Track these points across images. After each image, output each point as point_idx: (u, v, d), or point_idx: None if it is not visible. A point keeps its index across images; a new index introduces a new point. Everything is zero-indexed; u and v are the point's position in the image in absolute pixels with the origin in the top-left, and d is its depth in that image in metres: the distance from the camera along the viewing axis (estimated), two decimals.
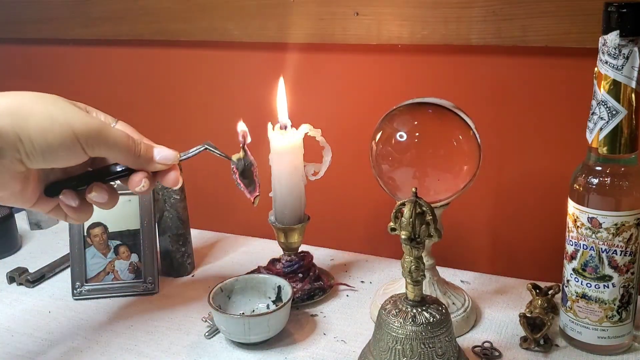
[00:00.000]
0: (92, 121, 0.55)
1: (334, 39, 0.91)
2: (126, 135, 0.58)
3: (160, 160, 0.60)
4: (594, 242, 0.63)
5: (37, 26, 1.13)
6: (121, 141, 0.57)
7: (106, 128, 0.56)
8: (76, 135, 0.54)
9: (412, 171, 0.67)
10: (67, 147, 0.54)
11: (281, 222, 0.78)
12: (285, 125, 0.76)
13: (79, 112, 0.55)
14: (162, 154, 0.60)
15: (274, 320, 0.68)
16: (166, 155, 0.60)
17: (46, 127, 0.53)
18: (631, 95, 0.59)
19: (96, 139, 0.55)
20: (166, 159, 0.60)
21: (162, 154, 0.60)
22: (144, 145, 0.59)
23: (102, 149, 0.56)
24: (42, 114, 0.53)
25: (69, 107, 0.55)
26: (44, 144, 0.53)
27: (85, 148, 0.55)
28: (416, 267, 0.58)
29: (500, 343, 0.69)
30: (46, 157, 0.54)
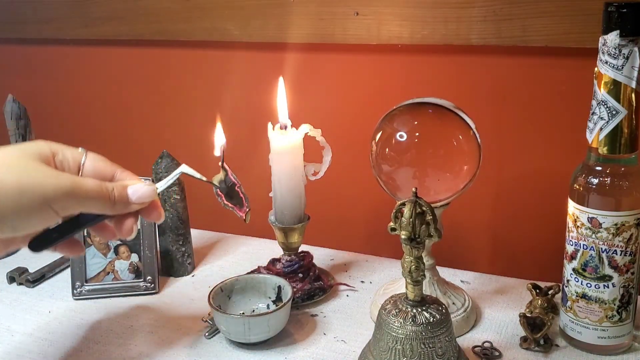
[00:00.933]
0: (63, 181, 0.52)
1: (334, 39, 0.91)
2: (98, 185, 0.55)
3: (137, 201, 0.57)
4: (594, 242, 0.63)
5: (37, 26, 1.13)
6: (94, 195, 0.54)
7: (77, 185, 0.53)
8: (48, 202, 0.51)
9: (412, 171, 0.67)
10: (39, 215, 0.52)
11: (281, 222, 0.78)
12: (285, 125, 0.76)
13: (48, 174, 0.53)
14: (138, 194, 0.57)
15: (274, 320, 0.68)
16: (143, 194, 0.57)
17: (16, 200, 0.50)
18: (631, 95, 0.59)
19: (68, 200, 0.53)
20: (143, 198, 0.57)
21: (138, 193, 0.57)
22: (118, 189, 0.56)
23: (76, 207, 0.54)
24: (10, 187, 0.50)
25: (37, 170, 0.52)
26: (14, 217, 0.51)
27: (58, 211, 0.52)
28: (416, 267, 0.58)
29: (500, 343, 0.69)
30: (17, 228, 0.52)
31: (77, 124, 1.19)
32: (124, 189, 0.56)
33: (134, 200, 0.57)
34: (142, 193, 0.57)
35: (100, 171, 0.58)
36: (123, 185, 0.57)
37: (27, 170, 0.52)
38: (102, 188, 0.55)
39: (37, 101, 1.14)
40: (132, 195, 0.56)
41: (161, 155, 0.84)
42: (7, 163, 0.52)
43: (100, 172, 0.58)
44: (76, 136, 1.20)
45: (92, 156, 0.59)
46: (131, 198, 0.56)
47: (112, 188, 0.56)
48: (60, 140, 1.25)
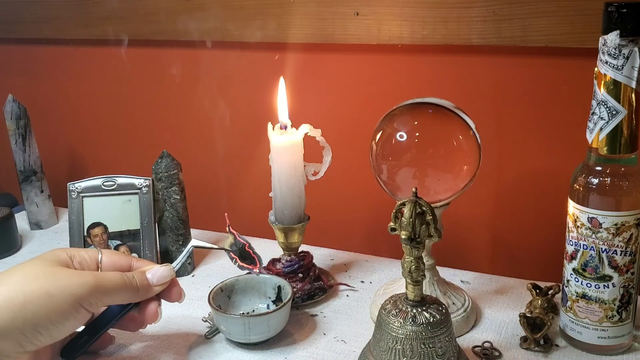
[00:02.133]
0: (86, 278, 0.56)
1: (334, 39, 0.91)
2: (119, 275, 0.58)
3: (158, 283, 0.61)
4: (594, 242, 0.63)
5: (37, 26, 1.13)
6: (118, 285, 0.58)
7: (101, 279, 0.57)
8: (77, 301, 0.54)
9: (412, 171, 0.67)
10: (71, 315, 0.55)
11: (281, 222, 0.78)
12: (285, 125, 0.76)
13: (72, 274, 0.56)
14: (157, 275, 0.61)
15: (274, 320, 0.68)
16: (161, 275, 0.61)
17: (47, 306, 0.53)
18: (631, 95, 0.59)
19: (95, 295, 0.56)
20: (162, 278, 0.61)
21: (157, 275, 0.61)
22: (138, 275, 0.60)
23: (103, 300, 0.57)
24: (40, 294, 0.53)
25: (61, 274, 0.55)
26: (48, 322, 0.53)
27: (88, 308, 0.55)
28: (416, 267, 0.58)
29: (500, 343, 0.69)
30: (52, 333, 0.54)
31: (77, 124, 1.19)
32: (143, 274, 0.61)
33: (155, 283, 0.61)
34: (161, 274, 0.61)
35: (117, 265, 0.62)
36: (141, 271, 0.61)
37: (53, 276, 0.55)
38: (124, 277, 0.59)
39: (37, 101, 1.14)
40: (152, 279, 0.61)
41: (161, 155, 0.85)
42: (32, 273, 0.55)
43: (117, 265, 0.62)
44: (76, 136, 1.20)
45: (108, 252, 0.63)
46: (152, 281, 0.61)
47: (133, 276, 0.60)
48: (60, 140, 1.26)
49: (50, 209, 1.04)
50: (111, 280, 0.57)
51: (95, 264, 0.61)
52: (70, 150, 1.21)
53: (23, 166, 1.00)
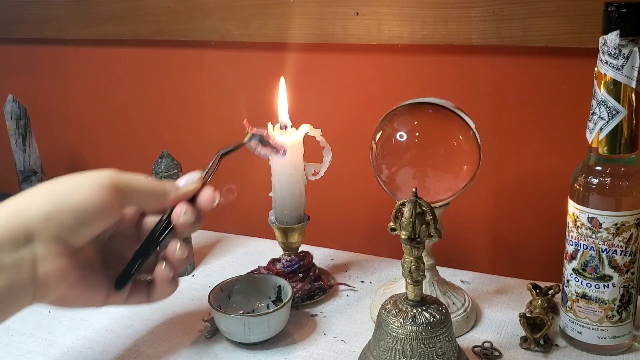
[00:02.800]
0: (113, 173, 0.56)
1: (334, 39, 0.91)
2: (148, 178, 0.58)
3: (184, 185, 0.60)
4: (594, 242, 0.63)
5: (37, 26, 1.13)
6: (144, 181, 0.57)
7: (127, 175, 0.56)
8: (99, 181, 0.54)
9: (412, 171, 0.67)
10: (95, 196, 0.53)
11: (281, 222, 0.78)
12: (285, 125, 0.76)
13: (100, 172, 0.56)
14: (184, 179, 0.60)
15: (274, 320, 0.68)
16: (188, 178, 0.60)
17: (69, 189, 0.53)
18: (631, 95, 0.59)
19: (124, 186, 0.55)
20: (189, 180, 0.60)
21: (184, 179, 0.60)
22: (167, 181, 0.60)
23: (132, 193, 0.56)
24: (59, 183, 0.54)
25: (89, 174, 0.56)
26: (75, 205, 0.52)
27: (118, 197, 0.55)
28: (416, 267, 0.58)
29: (500, 343, 0.69)
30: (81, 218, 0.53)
31: (77, 124, 1.19)
32: (171, 182, 0.60)
33: (181, 184, 0.60)
34: (187, 178, 0.60)
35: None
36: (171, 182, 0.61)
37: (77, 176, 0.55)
38: (153, 181, 0.58)
39: (37, 101, 1.14)
40: (178, 182, 0.60)
41: (161, 155, 0.84)
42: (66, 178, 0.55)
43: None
44: (76, 136, 1.20)
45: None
46: (178, 183, 0.60)
47: (161, 181, 0.60)
48: (60, 140, 1.26)
49: None
50: (140, 180, 0.57)
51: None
52: (70, 150, 1.21)
53: (23, 166, 1.00)
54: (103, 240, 0.59)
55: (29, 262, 0.50)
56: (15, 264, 0.49)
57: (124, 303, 0.60)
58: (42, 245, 0.51)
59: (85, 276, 0.55)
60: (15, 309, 0.52)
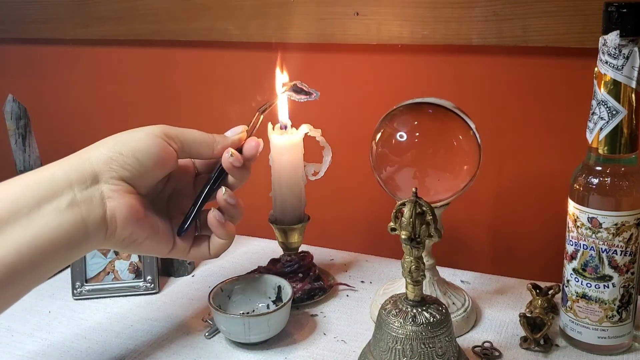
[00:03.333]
0: (164, 126, 0.61)
1: (334, 39, 0.91)
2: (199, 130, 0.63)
3: (233, 134, 0.64)
4: (594, 242, 0.63)
5: (37, 26, 1.13)
6: (194, 132, 0.62)
7: (177, 128, 0.61)
8: (154, 133, 0.59)
9: (412, 171, 0.67)
10: (152, 144, 0.58)
11: (281, 222, 0.78)
12: (285, 125, 0.76)
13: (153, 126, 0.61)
14: (230, 131, 0.64)
15: (274, 320, 0.68)
16: (233, 130, 0.64)
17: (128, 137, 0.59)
18: (631, 95, 0.59)
19: (175, 135, 0.60)
20: (234, 131, 0.64)
21: (230, 131, 0.64)
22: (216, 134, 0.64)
23: (183, 141, 0.61)
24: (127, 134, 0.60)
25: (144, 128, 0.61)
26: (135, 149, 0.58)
27: (171, 144, 0.60)
28: (416, 267, 0.58)
29: (500, 343, 0.69)
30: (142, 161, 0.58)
31: (77, 123, 1.19)
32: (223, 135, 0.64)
33: (231, 135, 0.64)
34: (233, 130, 0.65)
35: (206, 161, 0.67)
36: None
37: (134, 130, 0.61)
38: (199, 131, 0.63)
39: (37, 101, 1.14)
40: (228, 133, 0.64)
41: None
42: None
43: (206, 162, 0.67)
44: (76, 136, 1.20)
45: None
46: (228, 133, 0.64)
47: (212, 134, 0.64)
48: (60, 140, 1.25)
49: None
50: (186, 129, 0.62)
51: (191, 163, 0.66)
52: (70, 150, 1.20)
53: (23, 166, 1.00)
54: (165, 197, 0.64)
55: (97, 198, 0.56)
56: (86, 200, 0.55)
57: (187, 255, 0.64)
58: (108, 184, 0.57)
59: (152, 219, 0.60)
60: (91, 245, 0.56)
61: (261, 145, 0.65)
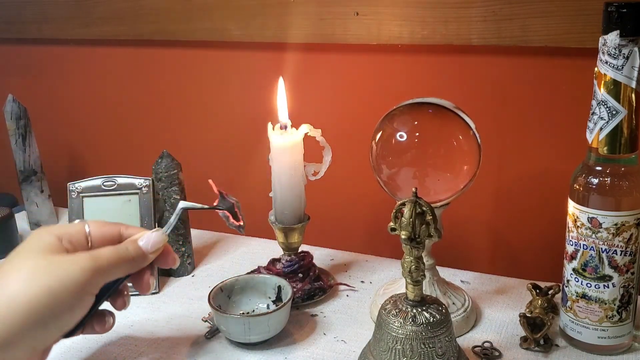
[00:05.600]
0: (83, 262, 0.53)
1: (334, 39, 0.91)
2: (115, 250, 0.56)
3: (152, 250, 0.58)
4: (594, 242, 0.63)
5: (37, 26, 1.13)
6: (116, 261, 0.56)
7: (99, 260, 0.54)
8: (81, 289, 0.53)
9: (412, 171, 0.67)
10: (77, 305, 0.53)
11: (281, 222, 0.78)
12: (285, 125, 0.76)
13: (68, 262, 0.53)
14: (150, 242, 0.58)
15: (274, 320, 0.68)
16: (154, 241, 0.59)
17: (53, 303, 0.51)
18: (631, 95, 0.59)
19: (96, 277, 0.54)
20: (156, 244, 0.59)
21: (150, 242, 0.58)
22: (131, 246, 0.58)
23: (105, 279, 0.55)
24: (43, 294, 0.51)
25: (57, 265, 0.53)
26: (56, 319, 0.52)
27: (91, 291, 0.54)
28: (416, 267, 0.58)
29: (500, 343, 0.69)
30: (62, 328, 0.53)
31: (77, 124, 1.19)
32: (136, 242, 0.58)
33: (149, 250, 0.58)
34: (154, 240, 0.59)
35: (106, 235, 0.60)
36: (133, 240, 0.59)
37: (49, 268, 0.52)
38: (120, 252, 0.56)
39: (37, 101, 1.14)
40: (145, 246, 0.58)
41: (161, 155, 0.85)
42: (27, 270, 0.52)
43: (107, 235, 0.60)
44: (76, 136, 1.20)
45: (94, 224, 0.59)
46: (146, 249, 0.58)
47: (127, 247, 0.57)
48: (60, 140, 1.25)
49: (50, 209, 1.04)
50: (108, 257, 0.55)
51: (84, 238, 0.58)
52: (70, 150, 1.21)
53: (23, 166, 1.00)
54: None
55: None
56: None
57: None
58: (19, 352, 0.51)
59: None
60: None
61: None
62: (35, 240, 0.55)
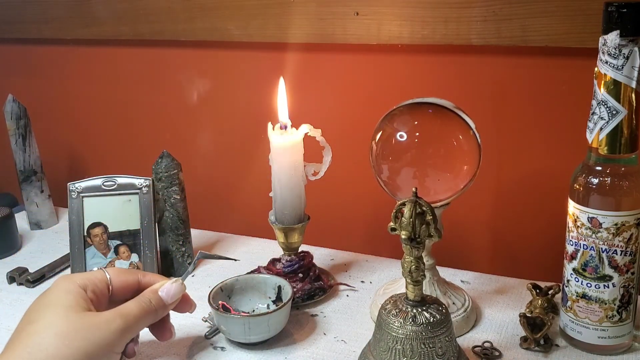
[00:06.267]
0: (116, 324, 0.54)
1: (334, 39, 0.91)
2: (139, 306, 0.57)
3: (172, 300, 0.60)
4: (594, 242, 0.63)
5: (37, 26, 1.13)
6: (141, 316, 0.57)
7: (127, 319, 0.55)
8: (112, 349, 0.54)
9: (412, 171, 0.67)
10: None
11: (281, 222, 0.78)
12: (285, 125, 0.76)
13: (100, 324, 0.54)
14: (171, 294, 0.60)
15: (274, 320, 0.68)
16: (174, 293, 0.60)
17: None
18: (631, 95, 0.59)
19: (126, 336, 0.55)
20: (175, 295, 0.60)
21: (170, 293, 0.60)
22: (153, 298, 0.59)
23: (132, 335, 0.56)
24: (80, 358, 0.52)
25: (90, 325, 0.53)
26: None
27: (120, 351, 0.55)
28: (416, 267, 0.58)
29: (500, 343, 0.69)
30: None
31: (77, 124, 1.19)
32: (156, 293, 0.60)
33: (169, 301, 0.60)
34: (174, 292, 0.60)
35: (126, 284, 0.61)
36: (154, 290, 0.60)
37: (84, 331, 0.53)
38: (144, 306, 0.58)
39: (37, 101, 1.14)
40: (166, 297, 0.60)
41: (161, 155, 0.85)
42: (62, 331, 0.52)
43: (126, 284, 0.61)
44: (76, 136, 1.20)
45: (113, 271, 0.61)
46: (166, 300, 0.60)
47: (149, 300, 0.59)
48: (60, 140, 1.25)
49: (50, 209, 1.04)
50: (135, 315, 0.57)
51: (106, 287, 0.60)
52: (70, 150, 1.21)
53: (23, 166, 1.00)
54: None
55: None
56: None
57: None
58: None
59: None
60: None
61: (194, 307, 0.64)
62: (63, 293, 0.56)
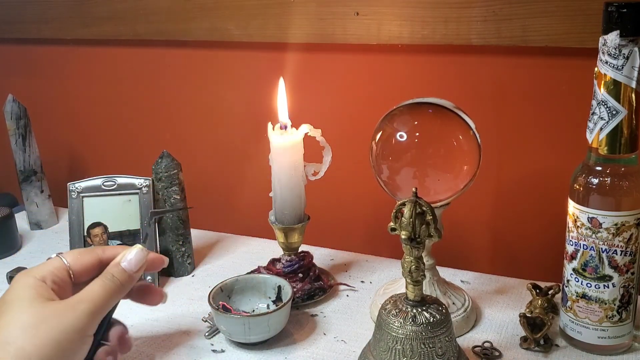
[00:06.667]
0: (82, 307, 0.52)
1: (334, 39, 0.91)
2: (103, 285, 0.55)
3: (136, 267, 0.57)
4: (594, 242, 0.63)
5: (37, 26, 1.13)
6: (108, 295, 0.54)
7: (95, 301, 0.53)
8: (83, 334, 0.52)
9: (412, 171, 0.67)
10: (81, 348, 0.52)
11: (281, 222, 0.78)
12: (285, 125, 0.76)
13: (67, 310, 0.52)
14: (133, 262, 0.56)
15: (274, 320, 0.68)
16: (136, 260, 0.57)
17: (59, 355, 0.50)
18: (631, 95, 0.59)
19: (96, 318, 0.53)
20: (139, 262, 0.57)
21: (132, 261, 0.56)
22: (116, 272, 0.56)
23: (102, 316, 0.54)
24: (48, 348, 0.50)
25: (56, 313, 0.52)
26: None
27: (92, 333, 0.53)
28: (416, 267, 0.58)
29: (500, 343, 0.69)
30: None
31: (77, 124, 1.19)
32: (119, 266, 0.56)
33: (134, 270, 0.57)
34: (136, 259, 0.57)
35: (86, 265, 0.58)
36: (115, 264, 0.57)
37: (51, 319, 0.51)
38: (107, 283, 0.55)
39: (37, 101, 1.14)
40: (129, 267, 0.56)
41: (161, 155, 0.85)
42: (29, 323, 0.51)
43: (87, 265, 0.58)
44: (76, 136, 1.20)
45: (70, 255, 0.58)
46: (130, 269, 0.56)
47: (112, 275, 0.56)
48: (60, 140, 1.25)
49: (50, 209, 1.04)
50: (100, 294, 0.54)
51: (66, 273, 0.57)
52: (70, 150, 1.21)
53: (23, 166, 1.00)
54: None
55: None
56: None
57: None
58: None
59: None
60: None
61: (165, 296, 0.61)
62: (22, 287, 0.54)
